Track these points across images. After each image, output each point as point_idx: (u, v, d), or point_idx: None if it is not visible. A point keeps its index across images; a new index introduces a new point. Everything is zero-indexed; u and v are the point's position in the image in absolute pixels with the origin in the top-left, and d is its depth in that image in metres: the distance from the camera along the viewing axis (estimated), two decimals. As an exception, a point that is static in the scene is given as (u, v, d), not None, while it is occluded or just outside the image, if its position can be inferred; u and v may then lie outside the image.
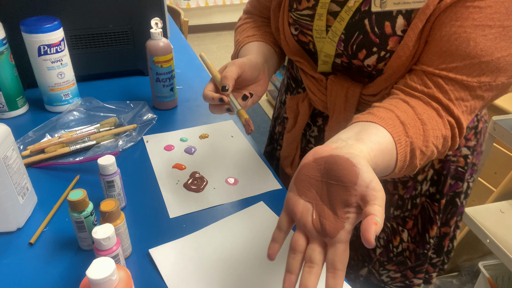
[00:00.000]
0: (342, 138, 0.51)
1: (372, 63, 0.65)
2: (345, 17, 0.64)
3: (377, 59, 0.64)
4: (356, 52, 0.65)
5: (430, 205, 0.80)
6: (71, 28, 1.07)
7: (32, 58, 0.95)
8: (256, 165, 0.86)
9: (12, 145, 0.67)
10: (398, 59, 0.61)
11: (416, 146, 0.55)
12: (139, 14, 1.11)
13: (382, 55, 0.63)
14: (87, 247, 0.66)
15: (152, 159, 0.87)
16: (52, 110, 1.03)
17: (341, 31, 0.65)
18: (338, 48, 0.67)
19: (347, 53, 0.66)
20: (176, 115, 1.03)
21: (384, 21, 0.60)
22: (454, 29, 0.55)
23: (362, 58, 0.65)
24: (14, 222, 0.69)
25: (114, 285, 0.46)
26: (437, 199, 0.79)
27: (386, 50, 0.62)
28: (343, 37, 0.65)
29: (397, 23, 0.60)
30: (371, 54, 0.64)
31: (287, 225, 0.50)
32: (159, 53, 0.96)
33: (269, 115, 2.89)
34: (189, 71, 1.26)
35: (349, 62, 0.68)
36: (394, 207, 0.80)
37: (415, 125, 0.56)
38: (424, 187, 0.79)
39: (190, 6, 4.10)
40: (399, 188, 0.78)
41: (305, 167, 0.49)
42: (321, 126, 0.80)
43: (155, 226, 0.71)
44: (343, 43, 0.66)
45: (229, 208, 0.75)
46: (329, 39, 0.67)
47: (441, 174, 0.77)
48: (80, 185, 0.80)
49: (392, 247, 0.84)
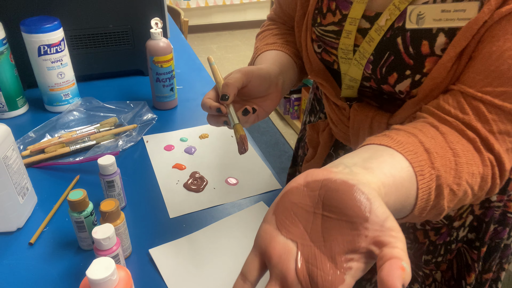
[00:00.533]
0: (346, 163, 0.38)
1: (404, 89, 0.54)
2: (376, 37, 0.54)
3: (411, 84, 0.53)
4: (386, 76, 0.55)
5: (467, 251, 0.70)
6: (71, 28, 1.07)
7: (32, 58, 0.95)
8: (256, 165, 0.86)
9: (12, 145, 0.67)
10: (432, 81, 0.51)
11: (444, 182, 0.43)
12: (139, 14, 1.11)
13: (417, 79, 0.52)
14: (87, 247, 0.66)
15: (152, 159, 0.87)
16: (52, 110, 1.03)
17: (370, 53, 0.55)
18: (366, 71, 0.58)
19: (376, 76, 0.57)
20: (176, 115, 1.03)
21: (421, 39, 0.50)
22: (509, 45, 0.44)
23: (392, 83, 0.55)
24: (14, 222, 0.69)
25: (114, 285, 0.46)
26: (476, 247, 0.69)
27: (421, 73, 0.52)
28: (371, 59, 0.56)
29: (437, 42, 0.49)
30: (403, 78, 0.54)
31: (257, 272, 0.36)
32: (159, 53, 0.96)
33: (269, 115, 2.89)
34: (189, 71, 1.26)
35: (378, 87, 0.58)
36: (425, 254, 0.71)
37: (444, 155, 0.45)
38: (461, 233, 0.69)
39: (190, 6, 4.10)
40: (430, 236, 0.69)
41: (291, 192, 0.36)
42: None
43: (155, 226, 0.71)
44: (371, 65, 0.56)
45: (229, 208, 0.75)
46: (355, 61, 0.58)
47: (482, 220, 0.67)
48: (80, 185, 0.80)
49: (425, 286, 0.75)
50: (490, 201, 0.65)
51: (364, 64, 0.57)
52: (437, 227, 0.67)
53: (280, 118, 2.86)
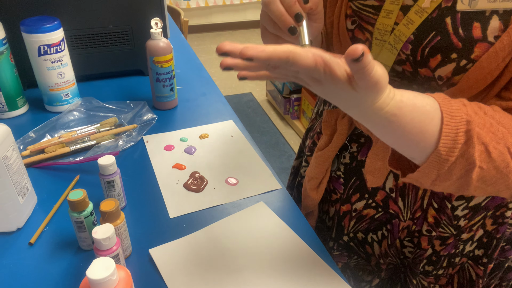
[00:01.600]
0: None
1: (446, 74, 0.50)
2: (416, 20, 0.50)
3: (454, 69, 0.49)
4: (428, 57, 0.50)
5: (473, 268, 0.67)
6: (71, 28, 1.07)
7: (32, 58, 0.95)
8: (256, 165, 0.86)
9: (12, 145, 0.67)
10: (481, 70, 0.47)
11: (474, 130, 0.42)
12: (139, 14, 1.11)
13: (462, 65, 0.48)
14: (87, 247, 0.66)
15: (152, 159, 0.87)
16: (52, 110, 1.03)
17: (407, 37, 0.52)
18: (403, 51, 0.53)
19: (414, 58, 0.52)
20: (176, 115, 1.03)
21: (472, 21, 0.47)
22: None
23: (434, 67, 0.51)
24: (14, 222, 0.69)
25: (114, 285, 0.46)
26: (483, 263, 0.65)
27: (468, 59, 0.48)
28: (412, 38, 0.51)
29: (490, 25, 0.46)
30: (447, 61, 0.49)
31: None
32: (159, 53, 0.96)
33: (269, 115, 2.89)
34: (189, 71, 1.26)
35: (413, 71, 0.54)
36: (426, 262, 0.68)
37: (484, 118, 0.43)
38: (468, 248, 0.65)
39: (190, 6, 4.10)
40: (435, 244, 0.65)
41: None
42: (354, 154, 0.67)
43: (155, 226, 0.71)
44: (410, 45, 0.52)
45: (229, 208, 0.75)
46: (389, 45, 0.54)
47: (493, 237, 0.63)
48: (80, 185, 0.80)
49: None
50: (504, 217, 0.61)
51: (399, 48, 0.53)
52: (444, 236, 0.64)
53: (280, 118, 2.86)
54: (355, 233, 0.72)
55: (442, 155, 0.43)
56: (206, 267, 0.63)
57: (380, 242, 0.70)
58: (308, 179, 0.75)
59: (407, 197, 0.62)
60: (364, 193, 0.67)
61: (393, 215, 0.66)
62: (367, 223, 0.70)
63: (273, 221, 0.72)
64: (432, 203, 0.61)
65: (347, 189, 0.70)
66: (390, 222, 0.67)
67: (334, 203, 0.75)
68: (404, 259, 0.71)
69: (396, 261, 0.72)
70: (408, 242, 0.67)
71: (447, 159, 0.43)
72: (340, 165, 0.70)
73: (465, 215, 0.61)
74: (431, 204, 0.61)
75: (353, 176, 0.68)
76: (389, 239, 0.68)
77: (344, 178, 0.70)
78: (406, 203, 0.63)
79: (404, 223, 0.65)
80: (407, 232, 0.66)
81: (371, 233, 0.70)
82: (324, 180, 0.72)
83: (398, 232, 0.67)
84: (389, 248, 0.69)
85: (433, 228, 0.63)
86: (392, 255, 0.71)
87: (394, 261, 0.72)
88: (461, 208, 0.60)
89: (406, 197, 0.63)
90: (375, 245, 0.71)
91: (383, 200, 0.65)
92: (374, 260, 0.73)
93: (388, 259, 0.72)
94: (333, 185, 0.73)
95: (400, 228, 0.66)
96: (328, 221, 0.79)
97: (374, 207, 0.67)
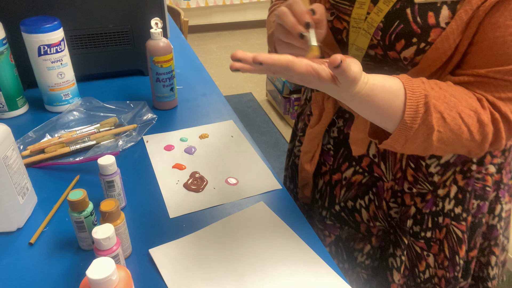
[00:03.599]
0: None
1: (409, 56, 0.61)
2: (384, 8, 0.60)
3: (415, 50, 0.60)
4: (394, 42, 0.61)
5: (456, 227, 0.75)
6: (71, 28, 1.07)
7: (32, 58, 0.95)
8: (256, 165, 0.86)
9: (12, 145, 0.67)
10: (436, 51, 0.58)
11: (431, 101, 0.53)
12: (139, 14, 1.11)
13: (421, 47, 0.59)
14: (87, 247, 0.66)
15: (152, 159, 0.87)
16: (52, 110, 1.03)
17: (377, 23, 0.62)
18: (375, 37, 0.63)
19: (384, 43, 0.63)
20: (176, 115, 1.03)
21: (427, 11, 0.57)
22: (511, 30, 0.52)
23: (399, 50, 0.61)
24: (14, 222, 0.69)
25: (114, 285, 0.46)
26: (464, 218, 0.74)
27: (426, 42, 0.58)
28: (381, 26, 0.62)
29: (442, 14, 0.56)
30: (409, 45, 0.60)
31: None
32: (159, 53, 0.96)
33: (269, 115, 2.89)
34: (189, 71, 1.26)
35: (384, 54, 0.64)
36: (412, 222, 0.76)
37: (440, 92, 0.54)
38: (448, 206, 0.74)
39: (190, 6, 4.10)
40: (416, 201, 0.74)
41: None
42: (341, 128, 0.78)
43: (155, 226, 0.71)
44: (380, 32, 0.62)
45: (229, 208, 0.75)
46: (363, 31, 0.64)
47: (465, 191, 0.73)
48: (80, 185, 0.80)
49: (418, 272, 0.79)
50: (471, 170, 0.71)
51: (372, 32, 0.63)
52: (422, 192, 0.73)
53: (280, 118, 2.86)
54: (346, 201, 0.81)
55: (408, 124, 0.54)
56: (206, 267, 0.63)
57: (368, 207, 0.79)
58: (303, 154, 0.86)
59: (388, 161, 0.73)
60: (351, 161, 0.77)
61: (377, 178, 0.76)
62: (355, 189, 0.79)
63: (273, 221, 0.72)
64: (409, 164, 0.71)
65: (337, 160, 0.80)
66: (375, 185, 0.76)
67: (323, 175, 0.84)
68: (391, 221, 0.78)
69: (384, 225, 0.79)
70: (393, 203, 0.76)
71: (411, 126, 0.54)
72: (330, 139, 0.80)
73: (438, 172, 0.71)
74: (408, 164, 0.72)
75: (341, 147, 0.79)
76: (376, 201, 0.77)
77: (334, 150, 0.80)
78: (388, 166, 0.73)
79: (388, 183, 0.75)
80: (391, 193, 0.76)
81: (359, 199, 0.79)
82: (316, 153, 0.83)
83: (383, 193, 0.76)
84: (377, 210, 0.78)
85: (412, 185, 0.73)
86: (380, 219, 0.79)
87: (383, 225, 0.80)
88: (434, 166, 0.70)
89: (387, 161, 0.73)
90: (363, 212, 0.80)
91: (368, 165, 0.76)
92: (364, 226, 0.81)
93: (377, 223, 0.79)
94: (323, 158, 0.83)
95: (384, 189, 0.75)
96: (316, 194, 0.87)
97: (361, 173, 0.77)
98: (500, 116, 0.56)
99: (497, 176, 0.75)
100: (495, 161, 0.73)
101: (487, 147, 0.58)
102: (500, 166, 0.74)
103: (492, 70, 0.55)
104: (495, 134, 0.57)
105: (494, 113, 0.55)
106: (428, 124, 0.54)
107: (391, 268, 0.79)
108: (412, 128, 0.54)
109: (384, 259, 0.81)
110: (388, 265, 0.80)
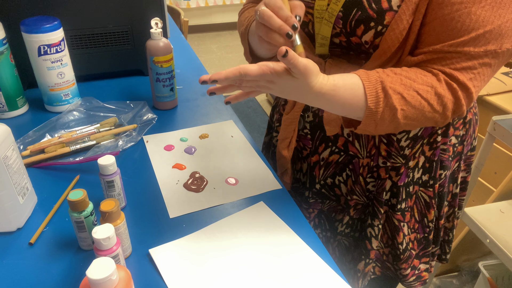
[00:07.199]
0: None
1: (369, 39, 0.67)
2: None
3: (374, 34, 0.66)
4: (355, 28, 0.67)
5: (424, 193, 0.83)
6: (71, 28, 1.07)
7: (32, 58, 0.95)
8: (256, 165, 0.86)
9: (12, 145, 0.67)
10: (392, 32, 0.64)
11: (388, 85, 0.60)
12: (139, 14, 1.11)
13: (379, 30, 0.65)
14: (87, 247, 0.66)
15: (152, 159, 0.87)
16: (52, 110, 1.03)
17: (337, 12, 0.68)
18: (337, 26, 0.69)
19: (346, 30, 0.68)
20: (176, 115, 1.03)
21: None
22: (456, 7, 0.59)
23: (360, 34, 0.67)
24: (14, 222, 0.69)
25: (114, 285, 0.46)
26: (431, 185, 0.82)
27: (382, 25, 0.65)
28: (341, 15, 0.68)
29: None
30: (368, 29, 0.66)
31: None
32: (159, 53, 0.96)
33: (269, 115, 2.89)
34: (189, 71, 1.26)
35: (347, 40, 0.70)
36: (390, 195, 0.81)
37: (394, 76, 0.61)
38: (417, 175, 0.81)
39: (190, 6, 4.10)
40: (392, 175, 0.80)
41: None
42: (316, 112, 0.82)
43: (155, 226, 0.71)
44: (341, 21, 0.68)
45: (229, 208, 0.75)
46: (325, 20, 0.70)
47: (432, 161, 0.80)
48: (80, 185, 0.80)
49: (397, 243, 0.84)
50: (436, 142, 0.78)
51: (333, 21, 0.69)
52: (396, 166, 0.79)
53: (280, 118, 2.86)
54: (325, 179, 0.86)
55: (372, 109, 0.61)
56: (206, 267, 0.63)
57: (346, 182, 0.84)
58: (280, 141, 0.89)
59: (362, 138, 0.78)
60: (328, 142, 0.82)
61: (353, 156, 0.81)
62: (333, 168, 0.84)
63: (273, 221, 0.72)
64: (382, 139, 0.77)
65: (314, 142, 0.84)
66: (351, 163, 0.82)
67: (305, 159, 0.88)
68: (370, 195, 0.83)
69: (362, 199, 0.85)
70: (370, 178, 0.82)
71: (376, 111, 0.61)
72: (305, 124, 0.84)
73: (408, 145, 0.77)
74: (381, 140, 0.77)
75: (317, 130, 0.83)
76: (352, 177, 0.83)
77: (311, 133, 0.84)
78: (362, 144, 0.79)
79: (363, 160, 0.80)
80: (368, 169, 0.81)
81: (337, 176, 0.84)
82: (293, 139, 0.86)
83: (359, 169, 0.81)
84: (354, 185, 0.83)
85: (387, 159, 0.78)
86: (358, 193, 0.84)
87: (361, 200, 0.85)
88: (404, 140, 0.76)
89: (361, 139, 0.78)
90: (342, 186, 0.85)
91: (343, 144, 0.80)
92: (343, 199, 0.87)
93: (354, 196, 0.84)
94: (302, 143, 0.87)
95: (360, 165, 0.81)
96: (303, 177, 0.91)
97: (337, 152, 0.82)
98: (458, 85, 0.62)
99: (459, 147, 0.82)
100: (457, 133, 0.80)
101: (449, 116, 0.64)
102: (462, 138, 0.81)
103: (446, 44, 0.61)
104: (455, 103, 0.63)
105: (451, 84, 0.61)
106: (390, 106, 0.61)
107: (370, 237, 0.85)
108: (378, 112, 0.61)
109: (363, 230, 0.87)
110: (367, 234, 0.85)
